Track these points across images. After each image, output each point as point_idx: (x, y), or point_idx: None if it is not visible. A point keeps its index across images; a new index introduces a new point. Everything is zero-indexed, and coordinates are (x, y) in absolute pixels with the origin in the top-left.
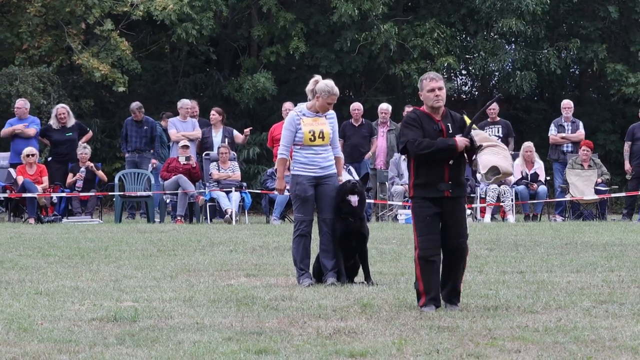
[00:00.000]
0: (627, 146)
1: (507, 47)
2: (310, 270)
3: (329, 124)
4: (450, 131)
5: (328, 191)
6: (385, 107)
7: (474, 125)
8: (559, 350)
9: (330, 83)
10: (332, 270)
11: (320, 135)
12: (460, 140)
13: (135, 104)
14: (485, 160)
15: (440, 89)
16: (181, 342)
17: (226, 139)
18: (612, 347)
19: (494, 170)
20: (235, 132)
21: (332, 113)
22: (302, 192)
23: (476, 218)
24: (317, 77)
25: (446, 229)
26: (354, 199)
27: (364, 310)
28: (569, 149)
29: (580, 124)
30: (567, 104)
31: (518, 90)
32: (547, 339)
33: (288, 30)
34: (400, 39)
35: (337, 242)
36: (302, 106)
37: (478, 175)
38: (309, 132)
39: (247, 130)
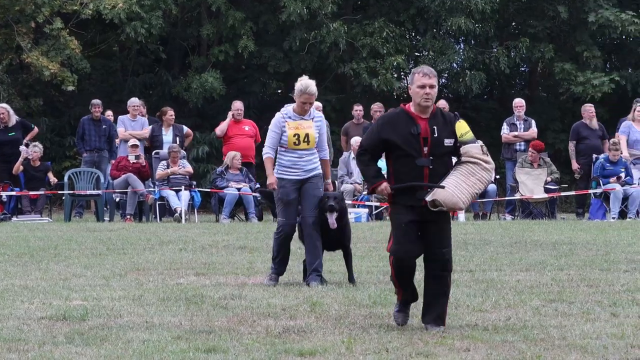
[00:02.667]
0: (572, 146)
1: (456, 46)
2: (284, 268)
3: (315, 126)
4: (436, 135)
5: (310, 190)
6: (360, 107)
7: (466, 137)
8: (508, 349)
9: (305, 82)
10: (314, 272)
11: (305, 139)
12: (381, 188)
13: (96, 100)
14: (438, 189)
15: (432, 86)
16: (130, 340)
17: (177, 138)
18: (561, 345)
19: (433, 202)
20: (185, 128)
21: (319, 116)
22: (285, 196)
23: None
24: (302, 76)
25: (427, 237)
26: (331, 220)
27: (313, 309)
28: (522, 148)
29: (533, 123)
30: (518, 102)
31: (467, 90)
32: (496, 338)
33: (237, 29)
34: (350, 38)
35: (326, 248)
36: (289, 108)
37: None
38: (293, 136)
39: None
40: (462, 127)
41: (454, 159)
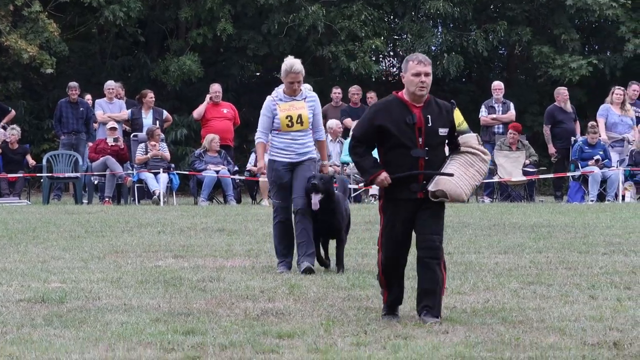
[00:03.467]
0: (547, 130)
1: (434, 29)
2: (292, 257)
3: (308, 107)
4: (430, 124)
5: (301, 172)
6: (339, 90)
7: (463, 126)
8: (487, 331)
9: (289, 61)
10: (305, 255)
11: (299, 120)
12: (381, 179)
13: (73, 83)
14: (442, 179)
15: (427, 74)
16: (109, 323)
17: (157, 121)
18: (539, 328)
19: (440, 192)
20: (165, 113)
21: (312, 96)
22: (278, 179)
23: None
24: (288, 57)
25: (419, 224)
26: (314, 200)
27: (292, 291)
28: (500, 130)
29: (511, 105)
30: (497, 85)
31: (445, 73)
32: (475, 320)
33: (215, 12)
34: (328, 21)
35: (315, 237)
36: (279, 90)
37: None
38: (286, 118)
39: None
40: (458, 116)
41: (447, 149)
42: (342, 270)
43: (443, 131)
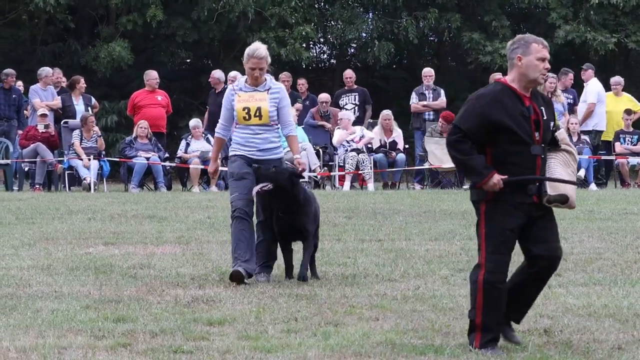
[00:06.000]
0: None
1: (365, 15)
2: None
3: (270, 99)
4: (545, 117)
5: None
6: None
7: (557, 121)
8: (417, 318)
9: (252, 46)
10: (262, 265)
11: (257, 114)
12: (494, 182)
13: (10, 70)
14: (559, 183)
15: (549, 61)
16: (39, 310)
17: (89, 107)
18: None
19: (562, 198)
20: (93, 100)
21: (277, 87)
22: (236, 169)
23: (334, 186)
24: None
25: (538, 232)
26: (253, 190)
27: (222, 278)
28: (431, 117)
29: (442, 92)
30: (427, 72)
31: (375, 60)
32: (405, 307)
33: None
34: (258, 7)
35: (279, 239)
36: (242, 79)
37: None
38: (242, 110)
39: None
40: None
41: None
42: (304, 279)
43: (552, 125)
